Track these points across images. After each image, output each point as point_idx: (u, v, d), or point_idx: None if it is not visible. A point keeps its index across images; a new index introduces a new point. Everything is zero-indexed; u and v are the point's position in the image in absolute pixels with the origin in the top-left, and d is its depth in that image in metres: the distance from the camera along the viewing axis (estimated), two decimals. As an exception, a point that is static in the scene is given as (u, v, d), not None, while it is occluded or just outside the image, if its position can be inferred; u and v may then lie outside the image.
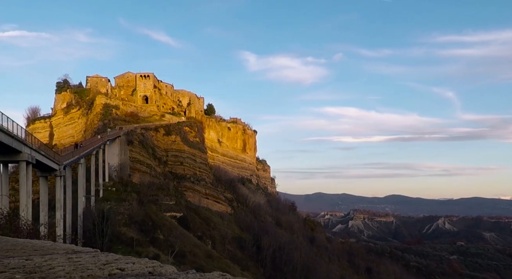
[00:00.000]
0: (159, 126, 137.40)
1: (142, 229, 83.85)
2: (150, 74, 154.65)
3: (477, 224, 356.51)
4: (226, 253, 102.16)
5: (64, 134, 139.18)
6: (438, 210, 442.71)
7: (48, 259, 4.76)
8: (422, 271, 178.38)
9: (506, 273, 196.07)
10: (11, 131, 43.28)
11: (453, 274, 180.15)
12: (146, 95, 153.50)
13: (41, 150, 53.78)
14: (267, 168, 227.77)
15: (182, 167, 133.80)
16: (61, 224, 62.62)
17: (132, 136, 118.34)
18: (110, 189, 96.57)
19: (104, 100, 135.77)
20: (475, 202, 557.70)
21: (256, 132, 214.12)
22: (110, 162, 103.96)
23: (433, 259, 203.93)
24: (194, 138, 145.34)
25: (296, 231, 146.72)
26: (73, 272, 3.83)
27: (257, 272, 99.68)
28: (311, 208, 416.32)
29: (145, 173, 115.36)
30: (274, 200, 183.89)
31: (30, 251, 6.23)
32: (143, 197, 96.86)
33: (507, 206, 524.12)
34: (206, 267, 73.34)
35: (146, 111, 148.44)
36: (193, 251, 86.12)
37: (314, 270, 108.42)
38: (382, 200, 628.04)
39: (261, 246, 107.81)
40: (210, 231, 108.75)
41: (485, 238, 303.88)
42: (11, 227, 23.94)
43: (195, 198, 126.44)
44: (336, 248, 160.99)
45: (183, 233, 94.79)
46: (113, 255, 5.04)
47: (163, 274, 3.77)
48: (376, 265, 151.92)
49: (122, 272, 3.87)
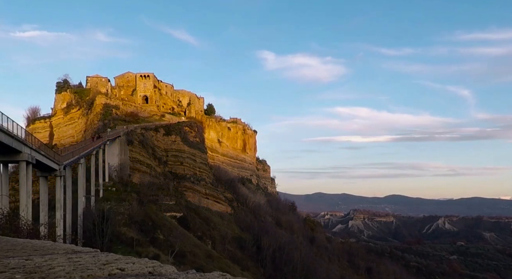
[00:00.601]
0: (159, 126, 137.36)
1: (142, 229, 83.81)
2: (150, 74, 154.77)
3: (477, 224, 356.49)
4: (226, 253, 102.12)
5: (64, 134, 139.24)
6: (438, 210, 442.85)
7: (48, 259, 4.76)
8: (422, 271, 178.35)
9: (506, 273, 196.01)
10: (11, 131, 43.28)
11: (453, 274, 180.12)
12: (146, 95, 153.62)
13: (41, 150, 53.77)
14: (267, 168, 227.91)
15: (182, 167, 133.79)
16: (61, 224, 62.59)
17: (132, 136, 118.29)
18: (110, 189, 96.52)
19: (104, 100, 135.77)
20: (475, 202, 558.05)
21: (256, 132, 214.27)
22: (110, 162, 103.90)
23: (433, 259, 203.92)
24: (194, 138, 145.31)
25: (296, 231, 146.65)
26: (73, 272, 3.84)
27: (257, 272, 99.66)
28: (311, 208, 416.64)
29: (145, 173, 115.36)
30: (274, 200, 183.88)
31: (30, 251, 6.23)
32: (143, 197, 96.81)
33: (507, 206, 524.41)
34: (206, 267, 73.34)
35: (146, 111, 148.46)
36: (193, 251, 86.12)
37: (314, 270, 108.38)
38: (382, 200, 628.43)
39: (261, 246, 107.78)
40: (210, 231, 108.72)
41: (485, 238, 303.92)
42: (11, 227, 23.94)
43: (195, 198, 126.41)
44: (336, 248, 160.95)
45: (183, 233, 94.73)
46: (113, 255, 5.04)
47: (163, 274, 3.77)
48: (376, 265, 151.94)
49: (122, 272, 3.88)
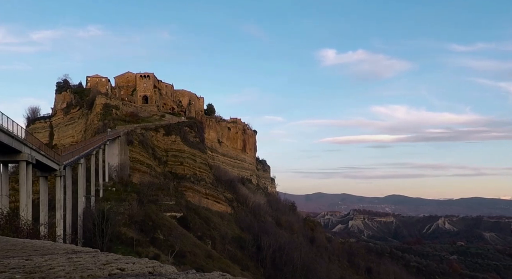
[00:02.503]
0: (159, 126, 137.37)
1: (142, 229, 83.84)
2: (150, 74, 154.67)
3: (477, 224, 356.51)
4: (226, 253, 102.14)
5: (64, 134, 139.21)
6: (438, 210, 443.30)
7: (48, 259, 4.76)
8: (422, 271, 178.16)
9: (506, 273, 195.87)
10: (11, 131, 43.27)
11: (453, 274, 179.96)
12: (146, 95, 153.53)
13: (41, 150, 53.76)
14: (267, 168, 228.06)
15: (182, 167, 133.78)
16: (61, 224, 62.60)
17: (132, 136, 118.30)
18: (110, 189, 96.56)
19: (104, 100, 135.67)
20: (475, 202, 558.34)
21: (256, 132, 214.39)
22: (110, 162, 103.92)
23: (433, 259, 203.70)
24: (194, 138, 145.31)
25: (296, 231, 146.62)
26: (73, 272, 3.83)
27: (257, 272, 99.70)
28: (311, 208, 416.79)
29: (145, 173, 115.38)
30: (274, 200, 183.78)
31: (30, 251, 6.23)
32: (143, 197, 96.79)
33: (507, 206, 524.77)
34: (206, 267, 73.38)
35: (146, 111, 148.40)
36: (193, 251, 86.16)
37: (314, 270, 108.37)
38: (382, 200, 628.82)
39: (261, 246, 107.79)
40: (210, 231, 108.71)
41: (485, 238, 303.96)
42: (11, 227, 23.93)
43: (195, 198, 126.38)
44: (336, 248, 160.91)
45: (183, 233, 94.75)
46: (113, 255, 5.04)
47: (163, 274, 3.77)
48: (376, 265, 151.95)
49: (122, 272, 3.87)
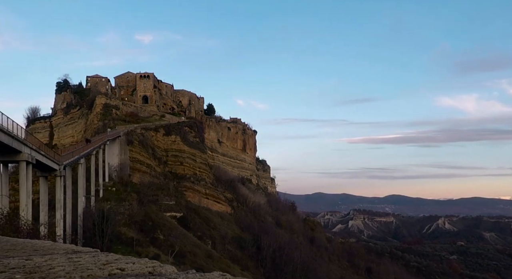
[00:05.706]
0: (159, 126, 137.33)
1: (142, 229, 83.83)
2: (150, 74, 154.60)
3: (477, 224, 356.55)
4: (226, 253, 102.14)
5: (64, 134, 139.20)
6: (438, 210, 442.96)
7: (48, 259, 4.76)
8: (422, 271, 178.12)
9: (506, 273, 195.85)
10: (11, 131, 43.26)
11: (453, 274, 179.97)
12: (146, 95, 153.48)
13: (41, 150, 53.75)
14: (267, 168, 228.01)
15: (182, 167, 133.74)
16: (61, 224, 62.59)
17: (132, 136, 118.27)
18: (110, 189, 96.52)
19: (104, 100, 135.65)
20: (475, 202, 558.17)
21: (256, 132, 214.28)
22: (110, 162, 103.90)
23: (433, 259, 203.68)
24: (194, 138, 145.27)
25: (296, 231, 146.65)
26: (73, 272, 3.84)
27: (257, 272, 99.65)
28: (311, 208, 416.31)
29: (145, 173, 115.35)
30: (274, 200, 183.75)
31: (30, 251, 6.23)
32: (143, 197, 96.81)
33: (507, 206, 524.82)
34: (206, 267, 73.36)
35: (146, 111, 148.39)
36: (193, 251, 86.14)
37: (314, 270, 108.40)
38: (382, 200, 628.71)
39: (261, 246, 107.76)
40: (210, 231, 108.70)
41: (485, 238, 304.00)
42: (11, 227, 23.93)
43: (195, 198, 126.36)
44: (336, 248, 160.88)
45: (183, 233, 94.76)
46: (113, 255, 5.04)
47: (163, 274, 3.77)
48: (376, 265, 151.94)
49: (122, 272, 3.88)
